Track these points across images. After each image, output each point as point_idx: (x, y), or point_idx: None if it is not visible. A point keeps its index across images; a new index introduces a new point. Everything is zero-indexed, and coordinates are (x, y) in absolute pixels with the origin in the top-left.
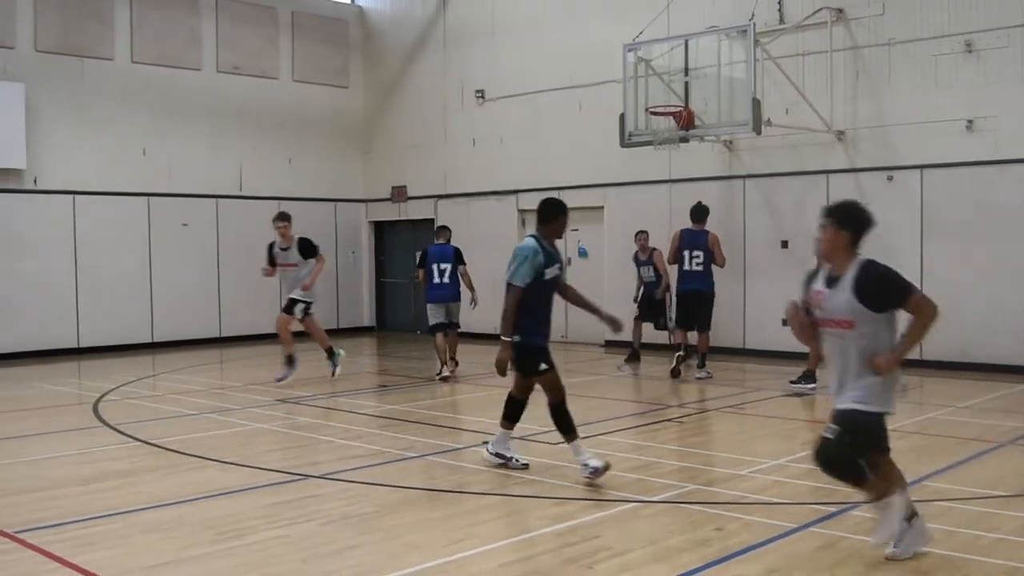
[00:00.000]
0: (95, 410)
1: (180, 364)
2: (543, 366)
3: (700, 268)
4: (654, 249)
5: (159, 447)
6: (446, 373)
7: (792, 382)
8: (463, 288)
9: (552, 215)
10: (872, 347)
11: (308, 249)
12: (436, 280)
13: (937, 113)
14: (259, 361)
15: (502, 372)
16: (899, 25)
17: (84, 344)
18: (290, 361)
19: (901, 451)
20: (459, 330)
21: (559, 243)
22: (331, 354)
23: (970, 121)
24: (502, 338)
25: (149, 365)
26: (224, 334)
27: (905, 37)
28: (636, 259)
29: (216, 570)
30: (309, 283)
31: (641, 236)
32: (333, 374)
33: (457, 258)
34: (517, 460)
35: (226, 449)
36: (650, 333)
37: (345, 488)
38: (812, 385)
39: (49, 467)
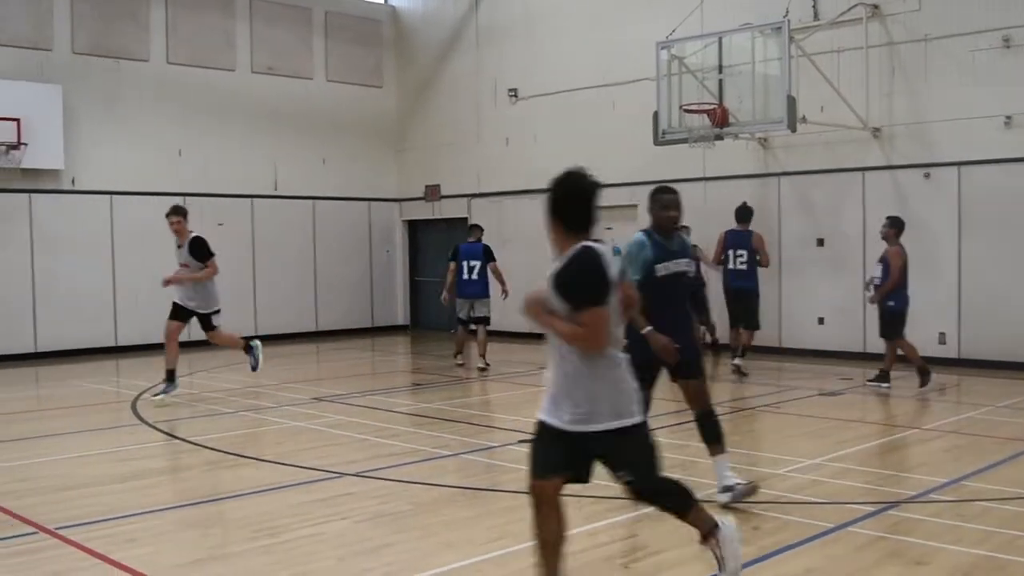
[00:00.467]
0: (133, 408)
1: (216, 363)
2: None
3: (744, 267)
4: (694, 245)
5: (196, 445)
6: (460, 361)
7: (869, 381)
8: (493, 284)
9: (650, 204)
10: (578, 353)
11: (200, 250)
12: (465, 276)
13: (975, 109)
14: (294, 360)
15: (671, 358)
16: (935, 20)
17: (122, 343)
18: (171, 377)
19: (938, 451)
20: (489, 327)
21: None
22: (170, 379)
23: (1008, 117)
24: (643, 333)
25: (185, 364)
26: (260, 332)
27: (942, 33)
28: None
29: (252, 567)
30: (172, 279)
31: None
32: (162, 395)
33: (487, 255)
34: (739, 484)
35: (261, 447)
36: None
37: (380, 486)
38: (888, 384)
39: (88, 464)
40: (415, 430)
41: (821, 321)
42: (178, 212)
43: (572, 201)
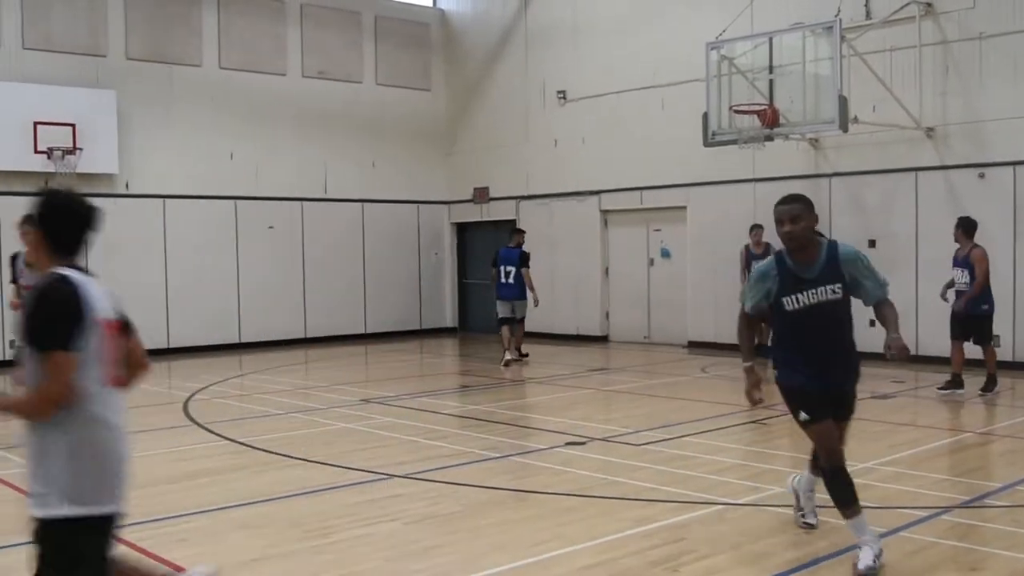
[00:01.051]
0: (185, 409)
1: (266, 364)
2: (803, 415)
3: None
4: (768, 244)
5: (247, 446)
6: (508, 357)
7: (941, 389)
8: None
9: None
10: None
11: None
12: (502, 280)
13: None
14: (343, 362)
15: (751, 401)
16: (990, 18)
17: (174, 345)
18: None
19: (992, 455)
20: (524, 327)
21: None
22: None
23: None
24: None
25: (236, 365)
26: (309, 335)
27: (997, 30)
28: (748, 255)
29: (302, 567)
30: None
31: (757, 231)
32: None
33: (522, 261)
34: (803, 518)
35: (311, 448)
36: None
37: (429, 488)
38: (962, 390)
39: (142, 464)
40: (463, 432)
41: (872, 323)
42: (32, 222)
43: (64, 217)
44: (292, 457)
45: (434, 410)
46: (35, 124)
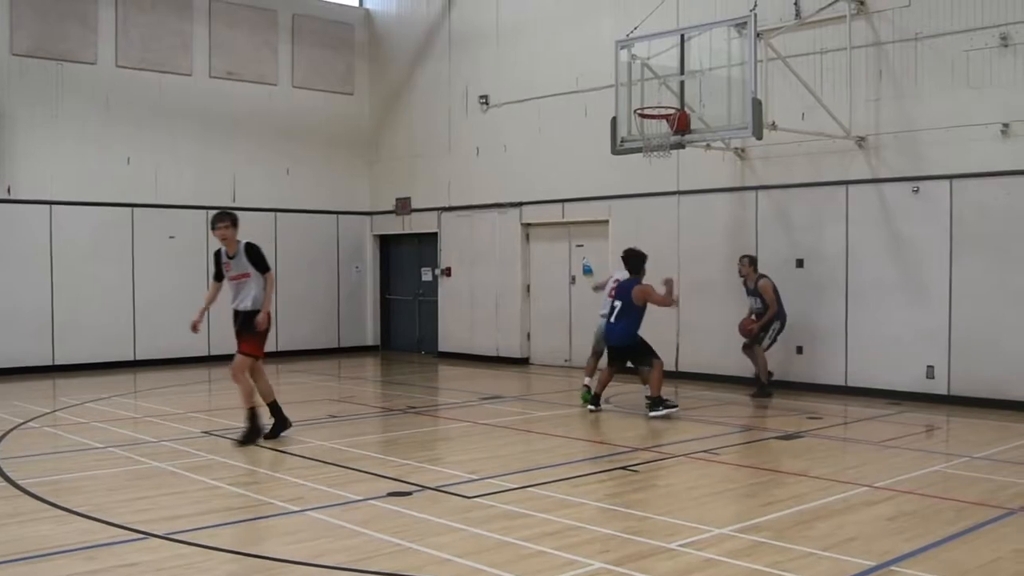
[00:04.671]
0: None
1: (148, 385)
2: None
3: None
4: (761, 276)
5: (22, 490)
6: None
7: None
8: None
9: None
10: None
11: None
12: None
13: (969, 116)
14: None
15: None
16: (927, 18)
17: (60, 362)
18: None
19: (880, 519)
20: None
21: None
22: None
23: (1006, 125)
24: None
25: (118, 385)
26: (213, 352)
27: (933, 31)
28: (746, 288)
29: None
30: None
31: (744, 261)
32: None
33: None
34: None
35: (87, 495)
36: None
37: (176, 554)
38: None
39: None
40: (281, 476)
41: (800, 351)
42: None
43: None
44: (56, 506)
45: (273, 446)
46: None
